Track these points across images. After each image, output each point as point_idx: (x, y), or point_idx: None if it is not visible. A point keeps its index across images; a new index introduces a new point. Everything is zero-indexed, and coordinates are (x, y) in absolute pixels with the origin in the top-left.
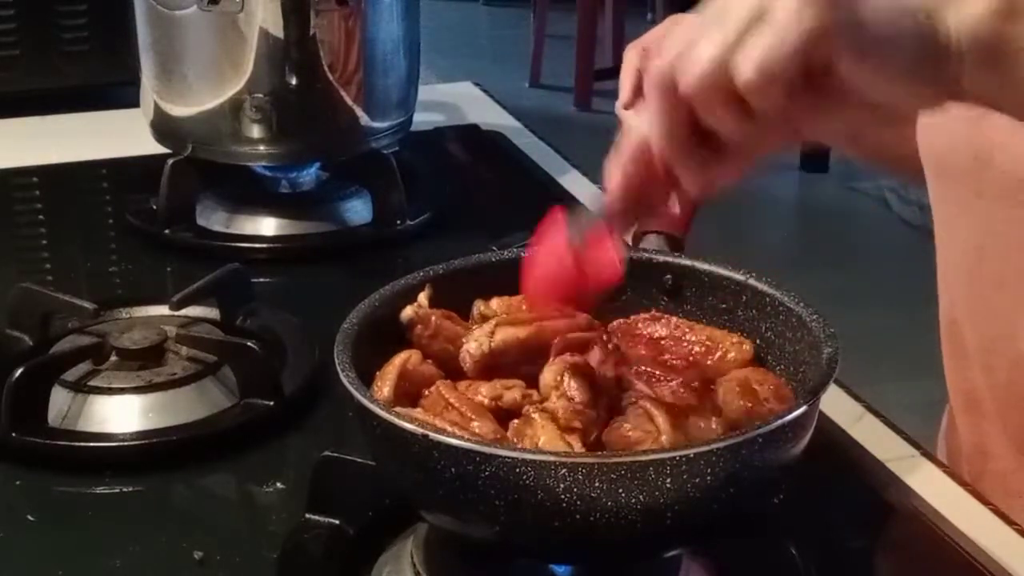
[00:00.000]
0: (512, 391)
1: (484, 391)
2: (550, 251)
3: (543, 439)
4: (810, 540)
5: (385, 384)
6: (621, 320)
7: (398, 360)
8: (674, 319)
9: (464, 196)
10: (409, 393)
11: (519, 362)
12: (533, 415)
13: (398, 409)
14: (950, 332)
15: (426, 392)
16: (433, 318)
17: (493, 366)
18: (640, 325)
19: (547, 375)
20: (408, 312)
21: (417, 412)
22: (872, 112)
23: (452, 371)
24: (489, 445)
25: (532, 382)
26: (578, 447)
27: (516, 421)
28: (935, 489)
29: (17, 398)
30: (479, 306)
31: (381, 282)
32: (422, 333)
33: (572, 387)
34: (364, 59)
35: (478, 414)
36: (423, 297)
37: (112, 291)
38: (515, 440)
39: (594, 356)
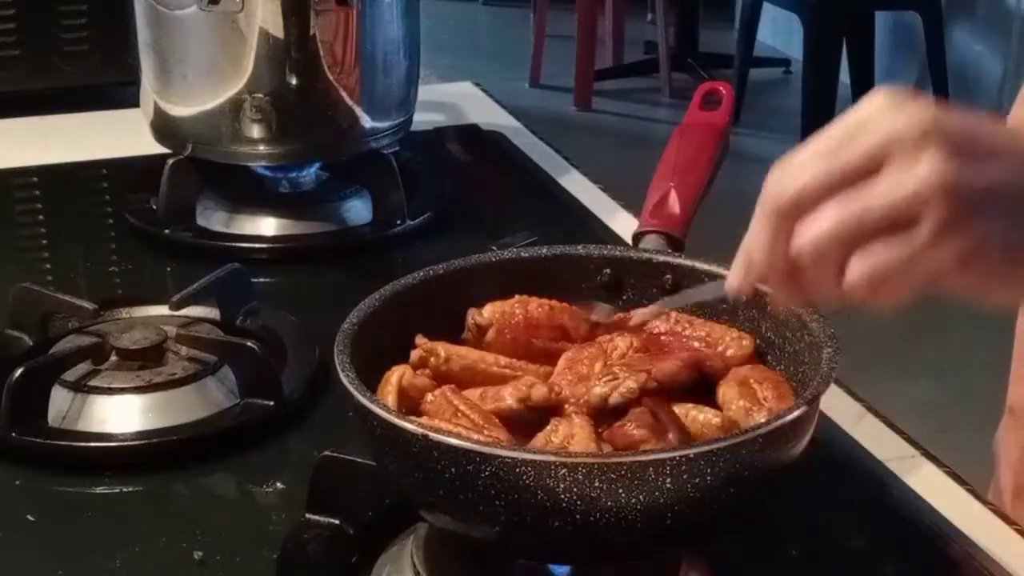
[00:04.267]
0: (538, 388)
1: (508, 392)
2: None
3: (576, 439)
4: (810, 540)
5: (387, 401)
6: (621, 315)
7: (394, 377)
8: (674, 314)
9: (464, 196)
10: (409, 408)
11: (527, 337)
12: (574, 416)
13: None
14: (1021, 348)
15: (429, 397)
16: (442, 351)
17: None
18: None
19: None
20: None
21: (424, 419)
22: None
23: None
24: (489, 445)
25: (543, 358)
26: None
27: (556, 418)
28: (935, 489)
29: (17, 398)
30: (473, 314)
31: (381, 282)
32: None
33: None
34: (364, 59)
35: (489, 422)
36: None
37: (112, 291)
38: (549, 436)
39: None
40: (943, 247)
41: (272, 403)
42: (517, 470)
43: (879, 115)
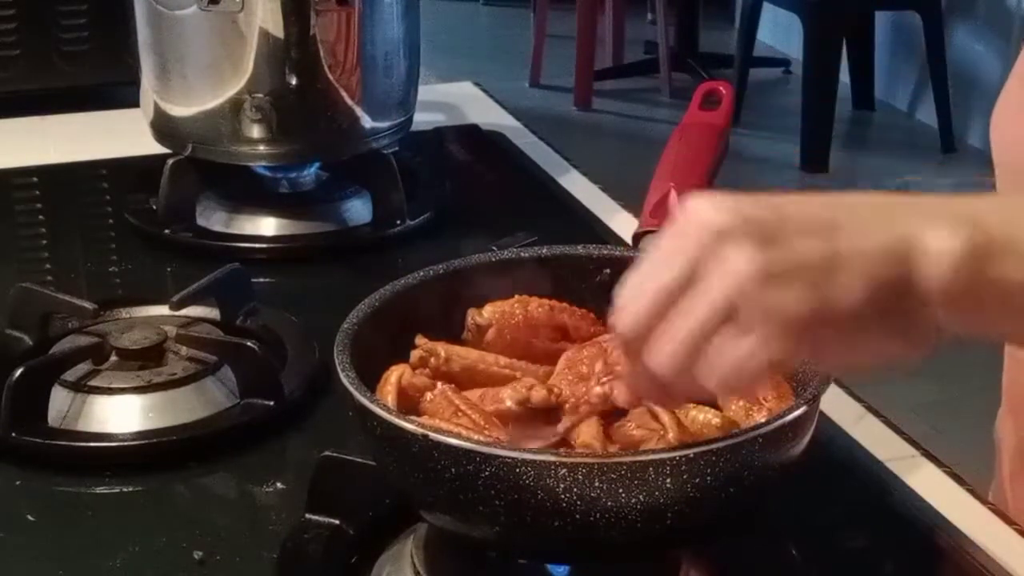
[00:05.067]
0: (537, 389)
1: (508, 394)
2: None
3: (581, 437)
4: (810, 540)
5: (386, 400)
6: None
7: (393, 377)
8: None
9: (464, 196)
10: (407, 407)
11: (527, 337)
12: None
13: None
14: None
15: (428, 396)
16: (442, 351)
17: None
18: None
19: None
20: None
21: (424, 418)
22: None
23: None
24: (489, 445)
25: (543, 358)
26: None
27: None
28: (935, 489)
29: (17, 398)
30: (473, 314)
31: (381, 282)
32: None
33: None
34: (364, 59)
35: (489, 422)
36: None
37: (112, 291)
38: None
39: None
40: (772, 335)
41: (272, 403)
42: (517, 470)
43: (687, 227)
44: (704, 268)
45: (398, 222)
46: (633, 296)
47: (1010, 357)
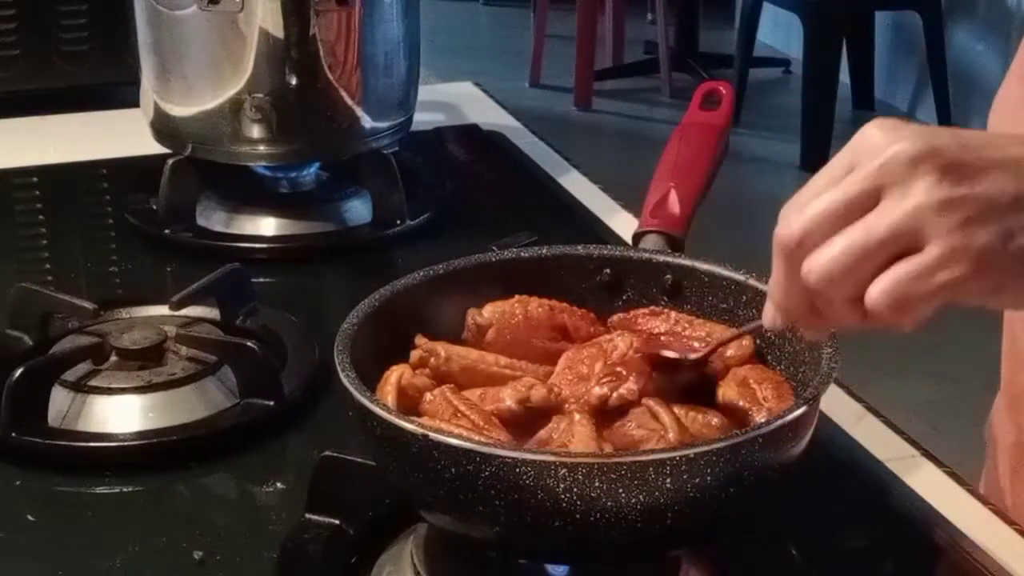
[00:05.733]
0: (537, 389)
1: (507, 393)
2: None
3: (577, 438)
4: (810, 540)
5: (386, 400)
6: (621, 315)
7: (393, 377)
8: (674, 314)
9: (464, 196)
10: (407, 407)
11: (527, 337)
12: (575, 415)
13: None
14: (1010, 330)
15: (428, 397)
16: (442, 351)
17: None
18: (640, 320)
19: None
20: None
21: (424, 419)
22: None
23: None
24: (489, 445)
25: (543, 358)
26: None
27: (558, 416)
28: (935, 489)
29: (17, 398)
30: (473, 314)
31: (381, 282)
32: (436, 363)
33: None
34: (364, 59)
35: (488, 423)
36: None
37: (112, 291)
38: (551, 432)
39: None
40: (952, 261)
41: (272, 403)
42: (517, 470)
43: (873, 146)
44: (887, 193)
45: (398, 222)
46: (801, 207)
47: (1009, 353)
